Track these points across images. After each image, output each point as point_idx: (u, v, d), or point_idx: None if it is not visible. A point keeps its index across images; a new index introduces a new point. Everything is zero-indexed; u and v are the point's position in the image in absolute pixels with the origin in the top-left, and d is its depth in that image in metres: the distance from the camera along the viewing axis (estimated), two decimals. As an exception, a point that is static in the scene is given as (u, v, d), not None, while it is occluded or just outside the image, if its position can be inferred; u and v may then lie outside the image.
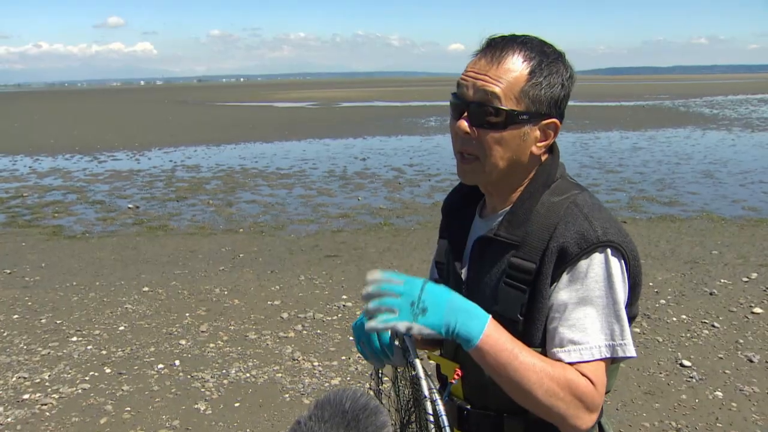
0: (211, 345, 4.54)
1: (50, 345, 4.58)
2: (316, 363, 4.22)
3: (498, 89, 1.13)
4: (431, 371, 1.27)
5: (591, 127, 21.91)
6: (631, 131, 20.71)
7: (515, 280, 1.15)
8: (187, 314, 5.16)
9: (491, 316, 1.08)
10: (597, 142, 17.69)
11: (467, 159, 1.19)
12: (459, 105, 1.17)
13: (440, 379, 1.34)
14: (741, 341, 4.41)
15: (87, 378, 4.04)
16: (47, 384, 3.96)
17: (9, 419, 3.54)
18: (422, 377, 1.09)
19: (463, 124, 1.15)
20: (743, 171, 12.43)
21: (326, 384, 3.93)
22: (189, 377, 4.04)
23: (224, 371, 4.12)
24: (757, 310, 4.95)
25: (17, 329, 4.91)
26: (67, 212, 9.77)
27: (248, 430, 3.44)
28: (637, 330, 4.58)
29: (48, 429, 3.45)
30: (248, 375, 4.06)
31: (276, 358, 4.31)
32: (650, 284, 5.58)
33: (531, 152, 1.18)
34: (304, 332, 4.75)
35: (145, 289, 5.80)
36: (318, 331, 4.75)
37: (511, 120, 1.13)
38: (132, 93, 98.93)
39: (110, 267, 6.66)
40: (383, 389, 1.36)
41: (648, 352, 4.27)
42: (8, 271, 6.53)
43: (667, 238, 7.34)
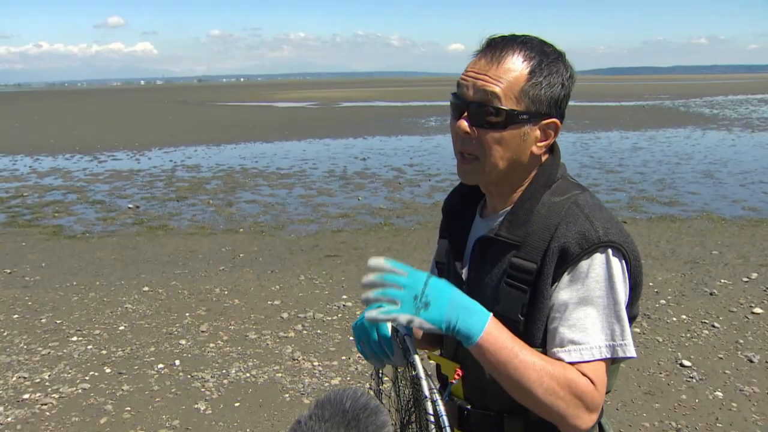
0: (211, 345, 4.54)
1: (50, 345, 4.58)
2: (316, 363, 4.22)
3: (498, 89, 1.12)
4: (431, 371, 1.27)
5: (591, 127, 21.91)
6: (631, 131, 20.71)
7: (516, 280, 1.15)
8: (187, 314, 5.16)
9: (492, 314, 1.09)
10: (597, 142, 17.69)
11: (467, 159, 1.19)
12: (459, 105, 1.17)
13: (440, 379, 1.34)
14: (741, 341, 4.40)
15: (87, 378, 4.04)
16: (47, 384, 3.96)
17: (9, 419, 3.54)
18: (422, 377, 1.09)
19: (463, 124, 1.15)
20: (743, 171, 12.43)
21: (326, 384, 3.93)
22: (189, 377, 4.04)
23: (224, 371, 4.11)
24: (757, 311, 4.95)
25: (17, 329, 4.91)
26: (68, 212, 9.77)
27: (248, 430, 3.44)
28: (637, 330, 4.58)
29: (48, 429, 3.45)
30: (248, 375, 4.06)
31: (276, 358, 4.31)
32: (650, 284, 5.58)
33: (531, 152, 1.18)
34: (304, 332, 4.75)
35: (145, 289, 5.80)
36: (318, 331, 4.75)
37: (511, 120, 1.13)
38: (132, 93, 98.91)
39: (110, 267, 6.67)
40: (383, 389, 1.36)
41: (648, 352, 4.26)
42: (8, 271, 6.54)
43: (667, 238, 7.34)
